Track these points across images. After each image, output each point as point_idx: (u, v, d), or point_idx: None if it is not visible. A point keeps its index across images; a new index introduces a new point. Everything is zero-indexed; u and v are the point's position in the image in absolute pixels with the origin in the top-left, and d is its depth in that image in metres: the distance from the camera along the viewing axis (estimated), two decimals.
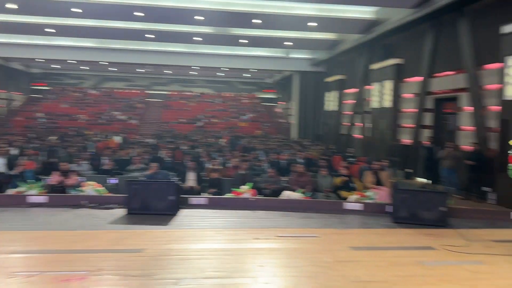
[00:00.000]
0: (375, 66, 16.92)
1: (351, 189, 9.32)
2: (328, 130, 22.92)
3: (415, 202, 5.52)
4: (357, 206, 6.25)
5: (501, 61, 9.75)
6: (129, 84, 36.87)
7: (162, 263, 3.97)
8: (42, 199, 6.00)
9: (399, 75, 15.48)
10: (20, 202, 5.92)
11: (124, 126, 27.06)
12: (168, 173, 9.69)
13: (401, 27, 14.45)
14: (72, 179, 8.89)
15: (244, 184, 9.27)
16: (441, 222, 5.49)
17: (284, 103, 34.08)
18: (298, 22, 16.59)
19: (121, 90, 35.58)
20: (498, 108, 10.04)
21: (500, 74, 9.80)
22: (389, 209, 5.85)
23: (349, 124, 20.44)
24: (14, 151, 12.66)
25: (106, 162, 9.90)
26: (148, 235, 4.88)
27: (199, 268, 3.83)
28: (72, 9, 14.94)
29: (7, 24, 17.73)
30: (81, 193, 6.24)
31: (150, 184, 5.75)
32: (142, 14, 15.79)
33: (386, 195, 8.44)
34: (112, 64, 28.36)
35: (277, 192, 9.07)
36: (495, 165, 9.92)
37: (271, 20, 16.35)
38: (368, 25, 16.41)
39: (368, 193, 6.76)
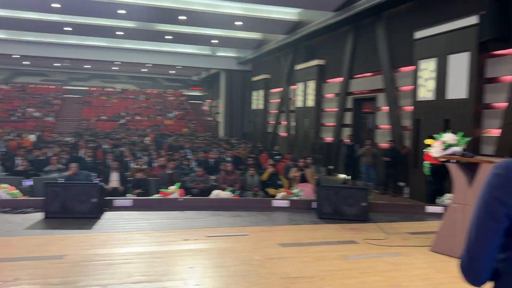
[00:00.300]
0: (299, 66, 17.43)
1: (278, 186, 9.54)
2: (255, 129, 23.25)
3: (338, 198, 5.77)
4: (284, 203, 6.40)
5: (414, 64, 10.51)
6: (44, 79, 34.59)
7: (86, 269, 3.78)
8: None
9: (321, 75, 16.08)
10: None
11: (39, 124, 25.36)
12: (89, 174, 9.27)
13: (323, 29, 15.00)
14: None
15: (172, 184, 9.12)
16: (362, 216, 5.79)
17: (211, 101, 33.99)
18: (224, 21, 16.62)
19: (35, 86, 33.26)
20: (411, 108, 10.80)
21: (414, 76, 10.54)
22: (314, 205, 6.06)
23: (275, 122, 20.90)
24: None
25: (20, 163, 9.21)
26: (69, 240, 4.61)
27: (126, 273, 3.70)
28: None
29: None
30: None
31: (71, 186, 5.43)
32: (59, 6, 14.88)
33: (311, 192, 8.75)
34: (25, 57, 26.42)
35: (205, 192, 9.02)
36: (409, 161, 10.70)
37: (197, 17, 16.21)
38: (292, 26, 16.85)
39: (295, 190, 6.95)
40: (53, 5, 14.59)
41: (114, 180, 9.00)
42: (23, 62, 29.80)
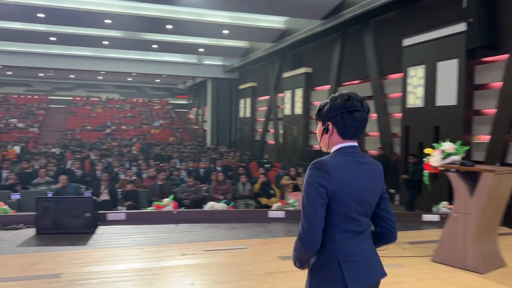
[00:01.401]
0: (287, 74, 17.47)
1: (271, 196, 9.51)
2: (243, 137, 23.21)
3: None
4: (280, 214, 6.34)
5: (403, 71, 10.59)
6: (28, 89, 34.06)
7: None
8: None
9: (309, 83, 16.14)
10: None
11: (23, 135, 24.91)
12: (79, 186, 9.09)
13: (311, 37, 15.07)
14: None
15: (163, 196, 9.00)
16: None
17: (197, 109, 33.86)
18: (211, 29, 16.59)
19: (19, 96, 32.71)
20: (400, 115, 10.88)
21: (402, 83, 10.63)
22: None
23: (263, 130, 20.89)
24: None
25: (8, 176, 8.99)
26: (64, 258, 4.47)
27: None
28: None
29: None
30: None
31: (63, 201, 5.29)
32: (44, 16, 14.67)
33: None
34: (8, 67, 26.00)
35: (197, 202, 8.94)
36: (398, 168, 10.75)
37: (183, 26, 16.15)
38: (279, 35, 16.90)
39: (290, 200, 6.90)
40: (39, 15, 14.37)
41: (104, 192, 8.86)
42: (7, 72, 29.34)
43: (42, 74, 30.12)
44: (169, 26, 16.01)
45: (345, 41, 14.00)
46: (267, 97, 20.34)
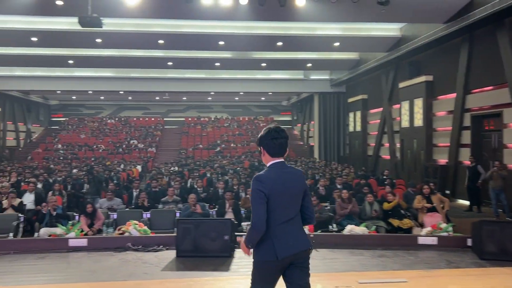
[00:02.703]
0: (403, 84, 16.42)
1: (402, 217, 8.71)
2: (353, 152, 22.34)
3: (505, 235, 4.89)
4: (432, 241, 5.61)
5: None
6: (145, 112, 36.80)
7: None
8: (82, 242, 5.48)
9: (430, 92, 14.95)
10: (61, 246, 5.42)
11: (143, 154, 26.73)
12: (204, 206, 9.17)
13: (431, 43, 13.98)
14: (99, 221, 8.37)
15: None
16: None
17: (301, 125, 33.64)
18: (321, 43, 16.26)
19: (137, 118, 35.47)
20: None
21: None
22: (470, 242, 5.21)
23: (376, 144, 19.87)
24: (39, 186, 12.28)
25: (141, 195, 9.39)
26: (217, 285, 4.30)
27: None
28: (97, 40, 14.73)
29: (28, 57, 17.65)
30: (125, 234, 5.70)
31: (202, 223, 5.19)
32: (163, 42, 15.55)
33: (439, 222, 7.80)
34: (129, 93, 28.29)
35: (322, 224, 8.48)
36: None
37: (294, 42, 16.04)
38: (394, 43, 16.00)
39: (442, 225, 6.12)
40: (160, 41, 15.25)
41: (229, 211, 8.80)
42: (128, 98, 31.98)
43: (158, 98, 32.26)
44: (279, 43, 16.00)
45: (473, 44, 12.72)
46: (380, 109, 19.35)
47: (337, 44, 16.21)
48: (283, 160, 2.90)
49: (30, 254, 5.20)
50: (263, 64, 19.99)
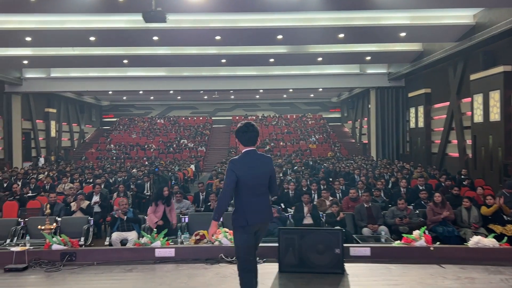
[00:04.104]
0: (475, 76, 15.15)
1: (505, 222, 7.74)
2: (415, 149, 21.09)
3: None
4: None
5: None
6: (194, 111, 36.79)
7: None
8: (170, 252, 4.95)
9: (509, 84, 13.65)
10: (146, 256, 4.91)
11: (193, 154, 26.55)
12: (279, 209, 8.53)
13: (510, 30, 12.72)
14: (173, 211, 7.94)
15: (371, 220, 7.94)
16: None
17: (352, 122, 32.51)
18: (386, 33, 15.29)
19: (185, 118, 35.49)
20: None
21: None
22: None
23: (441, 141, 18.62)
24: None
25: (210, 197, 8.88)
26: None
27: None
28: (154, 38, 14.44)
29: (84, 58, 17.68)
30: (215, 243, 5.13)
31: (308, 233, 4.52)
32: (220, 38, 15.06)
33: None
34: (178, 92, 28.17)
35: (414, 230, 7.63)
36: None
37: (356, 33, 15.14)
38: (466, 31, 14.78)
39: None
40: (217, 37, 14.78)
41: (307, 216, 8.12)
42: (177, 97, 31.98)
43: (206, 97, 32.06)
44: (341, 35, 15.16)
45: None
46: (446, 103, 18.09)
47: (403, 34, 15.18)
48: (254, 148, 3.71)
49: (115, 265, 4.71)
50: (319, 59, 19.17)
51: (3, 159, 21.11)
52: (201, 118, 35.29)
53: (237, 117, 35.20)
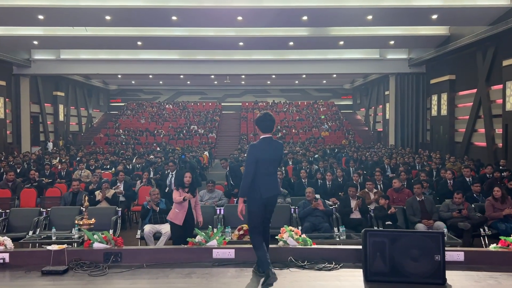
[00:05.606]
0: (509, 61, 14.40)
1: None
2: (436, 138, 20.40)
3: None
4: None
5: None
6: (203, 97, 36.01)
7: None
8: (229, 253, 4.31)
9: None
10: (203, 257, 4.27)
11: (204, 140, 25.88)
12: (325, 201, 7.87)
13: None
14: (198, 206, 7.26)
15: (424, 215, 7.29)
16: None
17: (365, 109, 31.76)
18: (415, 16, 14.50)
19: (194, 104, 34.73)
20: None
21: None
22: None
23: (467, 130, 17.91)
24: None
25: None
26: None
27: None
28: (173, 17, 13.67)
29: (97, 38, 16.92)
30: (279, 244, 4.48)
31: (401, 236, 3.86)
32: (241, 18, 14.28)
33: None
34: (189, 76, 27.38)
35: (473, 227, 7.00)
36: None
37: (384, 15, 14.39)
38: (501, 14, 13.98)
39: None
40: (238, 18, 14.01)
41: (355, 210, 7.45)
42: (187, 82, 31.17)
43: (216, 82, 31.25)
44: (369, 17, 14.37)
45: None
46: (473, 90, 17.33)
47: (434, 16, 14.39)
48: (270, 135, 4.20)
49: (167, 268, 4.07)
50: (341, 42, 18.37)
51: (11, 143, 20.45)
52: (210, 104, 34.50)
53: (246, 103, 34.45)
